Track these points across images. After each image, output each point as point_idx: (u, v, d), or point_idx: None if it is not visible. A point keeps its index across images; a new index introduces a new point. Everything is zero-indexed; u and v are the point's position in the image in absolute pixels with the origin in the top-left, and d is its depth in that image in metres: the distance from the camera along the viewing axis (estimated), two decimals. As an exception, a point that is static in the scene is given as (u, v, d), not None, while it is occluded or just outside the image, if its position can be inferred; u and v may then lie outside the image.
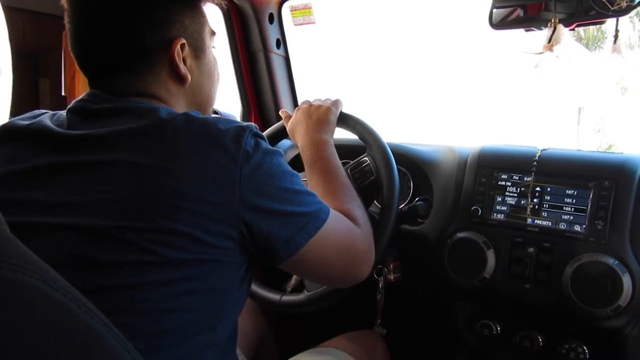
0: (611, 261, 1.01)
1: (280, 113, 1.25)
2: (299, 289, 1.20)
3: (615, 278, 1.00)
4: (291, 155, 1.56)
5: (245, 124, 0.75)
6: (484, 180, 1.21)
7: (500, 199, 1.18)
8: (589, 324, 1.07)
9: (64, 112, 0.79)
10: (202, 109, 0.88)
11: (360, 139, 1.16)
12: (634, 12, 1.05)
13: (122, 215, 0.66)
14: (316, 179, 1.02)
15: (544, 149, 1.19)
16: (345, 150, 1.23)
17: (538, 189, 1.14)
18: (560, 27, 1.07)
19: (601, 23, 1.13)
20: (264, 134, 1.23)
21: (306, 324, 1.55)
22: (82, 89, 1.41)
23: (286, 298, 1.16)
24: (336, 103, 1.16)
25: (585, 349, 1.10)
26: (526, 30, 1.15)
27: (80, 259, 0.65)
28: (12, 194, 0.71)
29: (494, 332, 1.19)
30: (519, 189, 1.16)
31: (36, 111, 0.83)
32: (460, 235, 1.18)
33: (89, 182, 0.69)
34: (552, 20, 1.07)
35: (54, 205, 0.69)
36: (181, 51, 0.80)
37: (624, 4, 1.00)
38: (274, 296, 1.17)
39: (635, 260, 1.02)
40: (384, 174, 1.10)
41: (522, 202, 1.15)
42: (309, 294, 1.12)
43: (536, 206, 1.14)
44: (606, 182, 1.08)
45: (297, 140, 1.13)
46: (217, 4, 0.91)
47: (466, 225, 1.20)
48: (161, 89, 0.81)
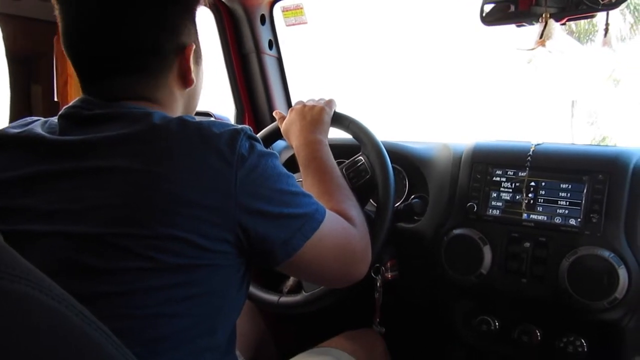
0: (607, 254, 1.01)
1: (274, 114, 1.25)
2: (296, 289, 1.20)
3: (611, 271, 1.00)
4: (286, 156, 1.56)
5: (240, 126, 0.75)
6: (478, 177, 1.21)
7: (495, 195, 1.18)
8: (586, 317, 1.07)
9: (55, 119, 0.78)
10: (189, 112, 0.88)
11: (354, 138, 1.16)
12: (624, 5, 1.05)
13: (117, 222, 0.65)
14: (311, 180, 1.02)
15: (537, 144, 1.19)
16: (340, 150, 1.23)
17: (533, 183, 1.15)
18: (552, 21, 1.07)
19: (592, 17, 1.13)
20: (258, 135, 1.23)
21: (305, 324, 1.55)
22: (74, 94, 1.41)
23: (284, 299, 1.16)
24: (330, 103, 1.16)
25: (583, 342, 1.10)
26: (517, 26, 1.15)
27: (76, 266, 0.65)
28: (5, 202, 0.70)
29: (492, 328, 1.20)
30: (513, 184, 1.17)
31: (27, 118, 0.82)
32: (456, 231, 1.19)
33: (83, 188, 0.68)
34: (543, 15, 1.07)
35: (47, 212, 0.68)
36: (191, 56, 0.81)
37: (613, -2, 1.01)
38: (272, 297, 1.17)
39: (630, 252, 1.02)
40: (379, 173, 1.10)
41: (517, 197, 1.16)
42: (306, 294, 1.12)
43: (531, 201, 1.14)
44: (600, 176, 1.08)
45: (292, 141, 1.13)
46: (208, 6, 0.91)
47: (462, 222, 1.20)
48: (165, 92, 0.81)
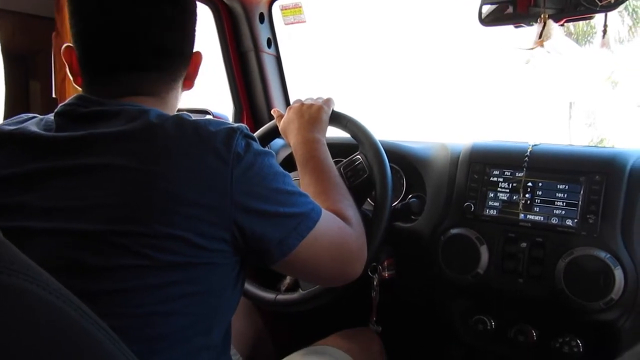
0: (603, 255, 1.02)
1: (272, 112, 1.25)
2: (293, 288, 1.20)
3: (607, 271, 1.01)
4: (284, 154, 1.56)
5: (236, 125, 0.75)
6: (476, 177, 1.21)
7: (492, 195, 1.19)
8: (582, 318, 1.07)
9: (51, 116, 0.78)
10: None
11: (352, 137, 1.16)
12: (622, 7, 1.06)
13: (115, 220, 0.66)
14: (308, 178, 1.02)
15: (535, 145, 1.19)
16: (338, 149, 1.24)
17: (530, 184, 1.15)
18: (550, 22, 1.08)
19: (590, 18, 1.14)
20: (256, 133, 1.23)
21: (302, 322, 1.56)
22: (73, 91, 1.40)
23: (281, 297, 1.16)
24: (328, 102, 1.17)
25: (579, 342, 1.10)
26: (516, 27, 1.15)
27: (73, 263, 0.65)
28: (2, 199, 0.70)
29: (488, 327, 1.20)
30: (510, 184, 1.17)
31: (22, 115, 0.82)
32: (453, 231, 1.19)
33: (80, 186, 0.68)
34: (542, 16, 1.08)
35: (45, 210, 0.68)
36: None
37: (612, -1, 1.01)
38: (269, 295, 1.17)
39: (626, 253, 1.03)
40: (376, 172, 1.10)
41: (514, 197, 1.16)
42: (303, 292, 1.13)
43: (528, 201, 1.14)
44: (597, 176, 1.08)
45: (290, 140, 1.13)
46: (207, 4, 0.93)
47: (459, 222, 1.20)
48: (173, 92, 0.83)
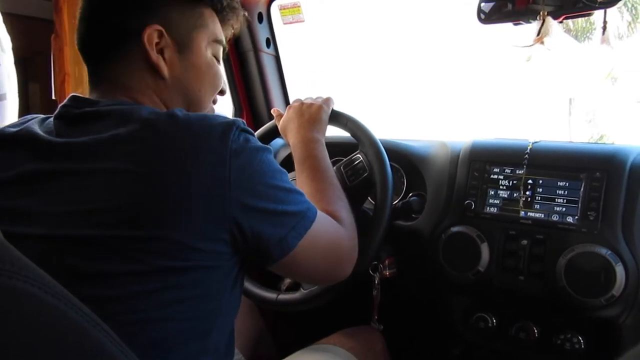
0: (604, 251, 1.02)
1: (272, 112, 1.25)
2: (294, 287, 1.20)
3: (608, 268, 1.01)
4: (283, 154, 1.56)
5: (232, 119, 0.73)
6: (476, 174, 1.21)
7: (493, 193, 1.19)
8: (583, 314, 1.08)
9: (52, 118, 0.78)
10: (192, 108, 0.86)
11: (352, 136, 1.16)
12: (621, 3, 1.06)
13: (109, 225, 0.64)
14: (305, 178, 1.03)
15: (535, 142, 1.19)
16: (338, 148, 1.24)
17: (530, 181, 1.15)
18: (549, 19, 1.08)
19: (589, 15, 1.13)
20: (256, 133, 1.23)
21: (303, 321, 1.56)
22: (72, 92, 1.40)
23: (282, 297, 1.16)
24: (327, 101, 1.17)
25: (580, 339, 1.10)
26: (515, 24, 1.15)
27: (66, 269, 0.63)
28: (1, 202, 0.70)
29: (489, 325, 1.20)
30: (511, 182, 1.17)
31: (27, 116, 0.82)
32: (454, 229, 1.19)
33: (75, 190, 0.67)
34: (541, 13, 1.08)
35: (39, 214, 0.67)
36: (157, 39, 0.79)
37: (611, -5, 1.01)
38: (270, 295, 1.17)
39: (627, 249, 1.03)
40: (377, 171, 1.10)
41: (515, 195, 1.16)
42: (304, 292, 1.13)
43: (529, 199, 1.14)
44: (597, 173, 1.08)
45: (289, 139, 1.13)
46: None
47: (460, 220, 1.20)
48: (136, 80, 0.80)
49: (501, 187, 1.18)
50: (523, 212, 1.14)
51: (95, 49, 0.81)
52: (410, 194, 1.35)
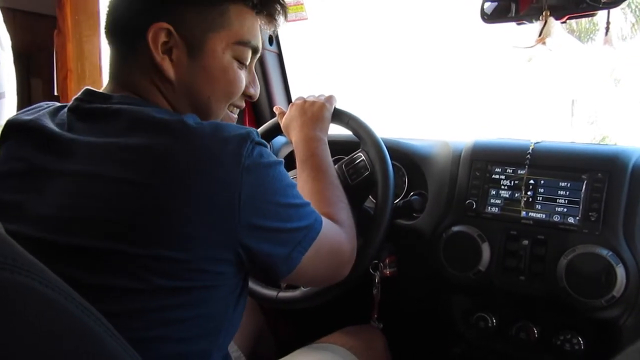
0: (605, 252, 1.02)
1: (274, 109, 1.25)
2: (295, 285, 1.20)
3: (609, 269, 1.01)
4: (285, 152, 1.56)
5: (246, 130, 0.69)
6: (478, 174, 1.21)
7: (494, 192, 1.18)
8: (583, 315, 1.07)
9: (66, 110, 0.77)
10: (201, 114, 0.79)
11: (354, 134, 1.16)
12: (625, 4, 1.05)
13: (110, 237, 0.62)
14: (306, 176, 1.03)
15: (537, 142, 1.19)
16: (340, 146, 1.24)
17: (532, 181, 1.15)
18: (552, 19, 1.07)
19: (592, 15, 1.13)
20: (259, 130, 1.23)
21: (304, 319, 1.56)
22: (74, 88, 1.41)
23: (283, 294, 1.16)
24: (330, 99, 1.16)
25: (580, 339, 1.10)
26: (518, 24, 1.15)
27: (63, 279, 0.61)
28: (4, 195, 0.70)
29: (489, 325, 1.20)
30: (512, 182, 1.17)
31: (42, 104, 0.82)
32: (455, 229, 1.19)
33: (78, 195, 0.65)
34: (544, 13, 1.07)
35: (39, 217, 0.66)
36: (165, 38, 0.75)
37: (614, -4, 1.01)
38: (271, 293, 1.17)
39: (628, 251, 1.03)
40: (378, 170, 1.10)
41: (516, 195, 1.16)
42: (305, 290, 1.13)
43: (530, 199, 1.14)
44: (599, 174, 1.08)
45: (292, 137, 1.13)
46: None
47: (461, 219, 1.20)
48: (144, 79, 0.77)
49: (502, 187, 1.18)
50: (524, 212, 1.14)
51: (112, 43, 0.80)
52: (412, 193, 1.35)
